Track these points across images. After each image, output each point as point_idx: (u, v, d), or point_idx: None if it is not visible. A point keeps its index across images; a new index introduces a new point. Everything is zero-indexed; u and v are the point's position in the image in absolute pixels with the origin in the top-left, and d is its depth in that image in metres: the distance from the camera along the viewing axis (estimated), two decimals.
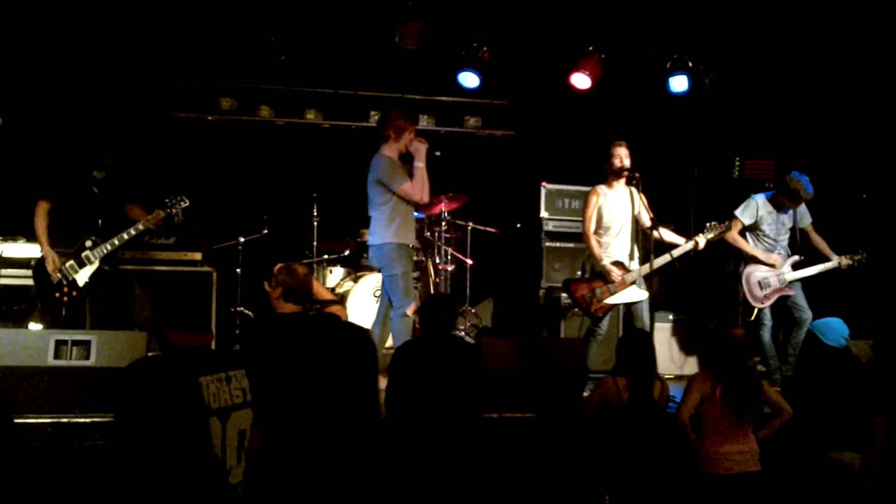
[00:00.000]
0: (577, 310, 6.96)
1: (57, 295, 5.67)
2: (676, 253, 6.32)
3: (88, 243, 5.70)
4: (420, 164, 6.09)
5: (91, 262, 5.70)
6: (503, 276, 9.08)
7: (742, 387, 4.42)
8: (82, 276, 5.69)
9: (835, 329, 5.10)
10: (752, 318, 6.79)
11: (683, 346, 7.61)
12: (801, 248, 6.98)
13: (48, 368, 4.79)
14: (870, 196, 8.20)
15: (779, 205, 6.89)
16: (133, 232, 5.70)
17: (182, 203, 5.81)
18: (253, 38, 7.83)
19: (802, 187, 6.69)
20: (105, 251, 5.70)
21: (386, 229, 6.10)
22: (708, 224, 6.58)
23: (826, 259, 6.93)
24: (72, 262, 5.67)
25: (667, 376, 6.10)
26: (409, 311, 6.18)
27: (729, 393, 4.41)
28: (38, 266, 5.74)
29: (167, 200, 5.76)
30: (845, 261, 6.88)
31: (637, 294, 6.43)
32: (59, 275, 5.63)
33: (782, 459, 4.72)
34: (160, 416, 3.07)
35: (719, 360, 4.49)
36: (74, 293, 5.68)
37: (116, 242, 5.69)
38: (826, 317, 5.35)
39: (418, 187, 6.07)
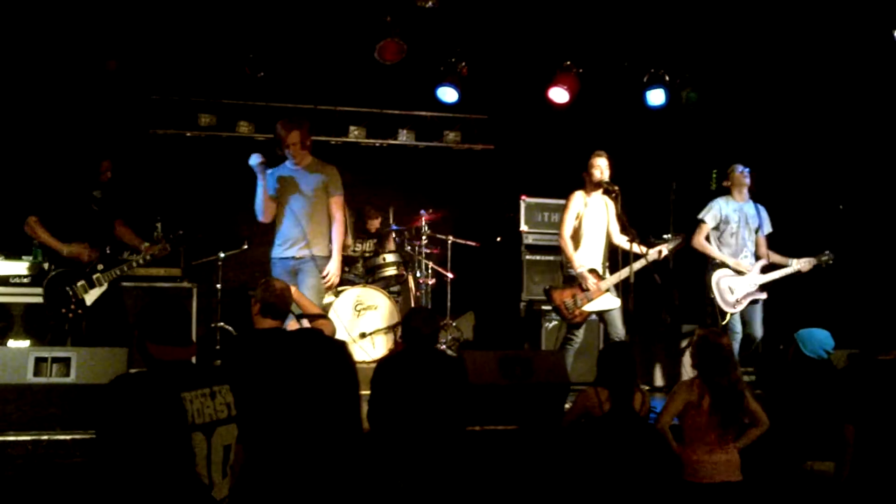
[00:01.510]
0: (557, 322, 6.99)
1: (63, 311, 5.68)
2: (637, 265, 6.37)
3: (100, 266, 5.77)
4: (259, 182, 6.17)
5: (101, 285, 5.78)
6: (484, 289, 9.10)
7: (728, 396, 4.45)
8: (91, 297, 5.75)
9: (816, 340, 5.09)
10: (725, 322, 6.84)
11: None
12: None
13: (28, 386, 4.72)
14: (846, 206, 8.30)
15: (740, 197, 7.05)
16: (142, 261, 5.97)
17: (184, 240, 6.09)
18: (232, 54, 7.82)
19: (734, 167, 7.08)
20: (115, 275, 5.82)
21: None
22: (665, 236, 6.70)
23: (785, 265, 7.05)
24: (83, 282, 5.72)
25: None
26: None
27: (716, 402, 4.43)
28: (51, 280, 5.72)
29: (171, 236, 6.00)
30: (806, 266, 6.98)
31: (611, 301, 6.49)
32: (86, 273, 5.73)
33: (761, 469, 4.76)
34: (142, 433, 3.05)
35: (705, 370, 4.51)
36: (80, 311, 5.72)
37: (126, 269, 5.89)
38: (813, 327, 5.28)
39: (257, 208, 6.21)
